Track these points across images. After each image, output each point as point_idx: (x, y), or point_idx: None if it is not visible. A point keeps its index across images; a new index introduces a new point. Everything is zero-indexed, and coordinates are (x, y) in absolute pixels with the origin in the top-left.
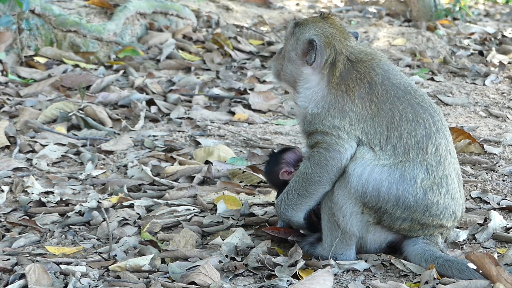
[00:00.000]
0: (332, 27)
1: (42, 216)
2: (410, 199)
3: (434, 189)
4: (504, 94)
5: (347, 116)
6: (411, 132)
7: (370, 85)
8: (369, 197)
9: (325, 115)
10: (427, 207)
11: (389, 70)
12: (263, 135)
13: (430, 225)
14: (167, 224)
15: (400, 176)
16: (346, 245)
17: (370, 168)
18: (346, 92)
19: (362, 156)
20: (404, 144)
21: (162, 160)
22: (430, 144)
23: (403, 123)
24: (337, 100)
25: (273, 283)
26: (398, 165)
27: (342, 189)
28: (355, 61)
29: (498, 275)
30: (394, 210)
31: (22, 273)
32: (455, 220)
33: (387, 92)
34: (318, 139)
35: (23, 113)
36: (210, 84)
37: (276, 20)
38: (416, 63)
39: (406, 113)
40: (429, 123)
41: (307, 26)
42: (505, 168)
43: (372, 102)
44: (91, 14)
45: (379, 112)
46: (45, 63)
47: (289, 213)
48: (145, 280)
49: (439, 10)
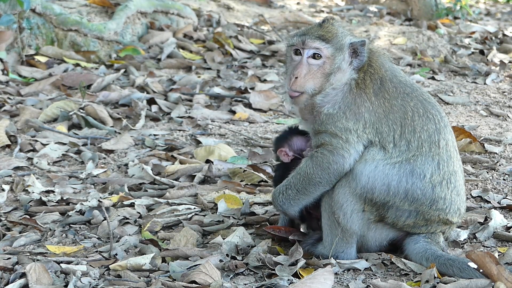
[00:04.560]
0: (342, 25)
1: (42, 215)
2: (418, 192)
3: (443, 185)
4: (504, 93)
5: (362, 118)
6: (423, 126)
7: (381, 82)
8: (377, 193)
9: (339, 117)
10: (434, 201)
11: (393, 67)
12: (263, 134)
13: (434, 221)
14: (168, 223)
15: (410, 170)
16: (346, 243)
17: (381, 167)
18: (364, 90)
19: (373, 158)
20: (418, 138)
21: (162, 159)
22: (441, 139)
23: (415, 118)
24: (355, 100)
25: (274, 282)
26: (410, 160)
27: (343, 188)
28: (369, 57)
29: (498, 274)
30: (402, 203)
31: (23, 272)
32: (459, 217)
33: (396, 89)
34: (325, 140)
35: (24, 112)
36: (211, 83)
37: (277, 19)
38: (417, 62)
39: (418, 109)
40: (438, 118)
41: (342, 32)
42: (505, 167)
43: (385, 99)
44: (92, 13)
45: (392, 108)
46: (46, 62)
47: (285, 206)
48: (145, 279)
49: (440, 9)
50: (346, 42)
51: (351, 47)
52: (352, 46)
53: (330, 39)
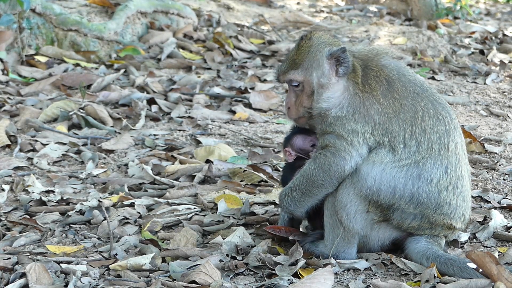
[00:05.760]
0: (324, 36)
1: (42, 215)
2: (424, 196)
3: (449, 190)
4: (505, 93)
5: (371, 121)
6: (433, 128)
7: (388, 82)
8: (382, 195)
9: (348, 119)
10: (439, 205)
11: (399, 65)
12: (263, 134)
13: (439, 225)
14: (168, 223)
15: (418, 174)
16: (348, 243)
17: (388, 170)
18: (371, 93)
19: (381, 160)
20: (428, 139)
21: (162, 159)
22: (451, 141)
23: (426, 119)
24: (363, 103)
25: (274, 282)
26: (419, 163)
27: (348, 188)
28: (365, 59)
29: (498, 274)
30: (407, 206)
31: (23, 272)
32: (463, 222)
33: (406, 89)
34: (330, 141)
35: (24, 112)
36: (211, 83)
37: (277, 19)
38: (417, 62)
39: (428, 109)
40: (448, 120)
41: (317, 47)
42: (505, 167)
43: (394, 99)
44: (92, 13)
45: (402, 108)
46: (46, 62)
47: (292, 207)
48: (145, 279)
49: (440, 9)
50: (322, 56)
51: (332, 57)
52: (333, 56)
53: (300, 63)
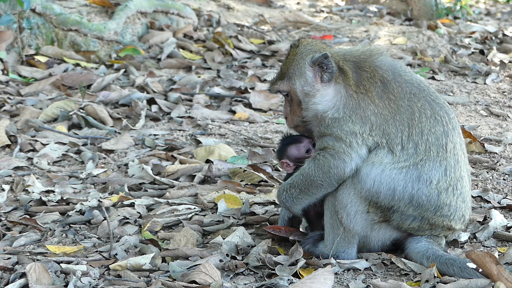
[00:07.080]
0: (312, 43)
1: (42, 215)
2: (424, 198)
3: (449, 191)
4: (505, 93)
5: (368, 121)
6: (431, 129)
7: (383, 83)
8: (382, 197)
9: (346, 120)
10: (438, 207)
11: (396, 65)
12: (263, 134)
13: (439, 226)
14: (168, 223)
15: (417, 176)
16: (348, 243)
17: (388, 171)
18: (366, 94)
19: (380, 161)
20: (425, 140)
21: (163, 159)
22: (449, 142)
23: (423, 120)
24: (359, 104)
25: (274, 282)
26: (418, 165)
27: (348, 189)
28: (357, 61)
29: (498, 274)
30: (406, 208)
31: (23, 272)
32: (463, 223)
33: (402, 89)
34: (329, 144)
35: (24, 112)
36: (211, 83)
37: (277, 19)
38: (417, 62)
39: (425, 110)
40: (446, 120)
41: (301, 55)
42: (505, 167)
43: (390, 100)
44: (92, 13)
45: (398, 109)
46: (46, 62)
47: (289, 203)
48: (145, 279)
49: (440, 9)
50: (305, 64)
51: (314, 64)
52: (315, 64)
53: (285, 73)
